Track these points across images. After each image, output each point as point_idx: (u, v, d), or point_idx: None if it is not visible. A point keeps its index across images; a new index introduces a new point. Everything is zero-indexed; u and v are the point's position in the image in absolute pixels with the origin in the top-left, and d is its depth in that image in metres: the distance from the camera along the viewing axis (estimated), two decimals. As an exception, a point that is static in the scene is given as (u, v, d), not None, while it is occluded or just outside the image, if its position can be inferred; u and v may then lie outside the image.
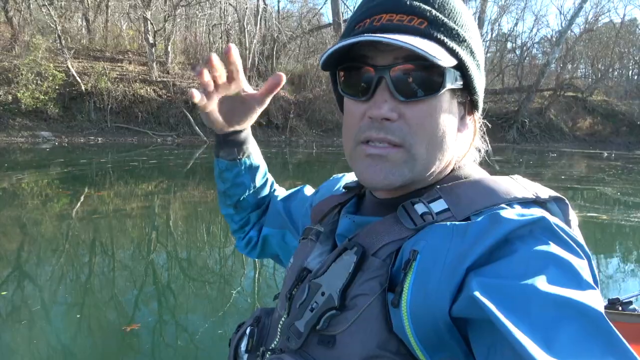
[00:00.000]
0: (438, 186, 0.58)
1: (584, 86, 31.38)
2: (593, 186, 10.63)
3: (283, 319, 0.62)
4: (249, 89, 0.78)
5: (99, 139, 17.46)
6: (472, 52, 0.56)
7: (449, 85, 0.54)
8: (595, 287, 0.45)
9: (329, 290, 0.55)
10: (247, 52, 21.53)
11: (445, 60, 0.51)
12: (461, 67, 0.55)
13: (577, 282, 0.44)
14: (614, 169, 15.18)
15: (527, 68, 30.90)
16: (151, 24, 20.19)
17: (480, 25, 28.52)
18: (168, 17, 20.67)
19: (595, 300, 0.42)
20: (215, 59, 0.69)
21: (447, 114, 0.56)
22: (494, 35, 32.56)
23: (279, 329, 0.63)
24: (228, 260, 4.77)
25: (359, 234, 0.59)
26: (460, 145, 0.61)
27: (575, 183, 11.12)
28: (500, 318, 0.40)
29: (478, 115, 0.62)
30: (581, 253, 0.48)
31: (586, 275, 0.45)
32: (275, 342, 0.63)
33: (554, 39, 30.56)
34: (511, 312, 0.41)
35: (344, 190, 0.76)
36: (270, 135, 21.30)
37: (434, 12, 0.54)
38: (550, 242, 0.47)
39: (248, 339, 0.67)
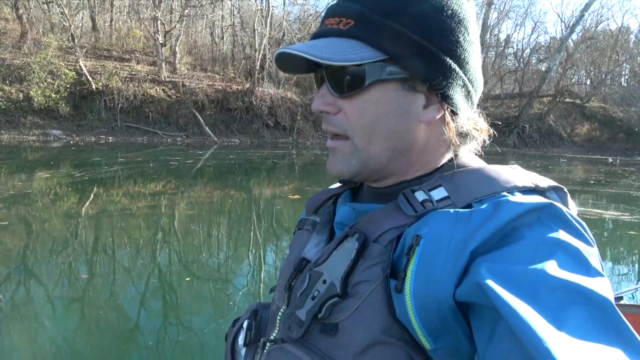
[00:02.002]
0: (438, 175, 0.59)
1: (583, 93, 31.96)
2: (627, 191, 10.85)
3: (282, 310, 0.62)
4: None
5: (110, 138, 17.49)
6: (411, 42, 0.55)
7: (373, 80, 0.55)
8: (603, 274, 0.45)
9: (330, 278, 0.55)
10: (257, 53, 21.64)
11: (353, 58, 0.54)
12: (396, 59, 0.55)
13: (586, 268, 0.44)
14: (633, 174, 15.41)
15: (528, 74, 31.39)
16: (162, 24, 20.24)
17: (484, 31, 28.91)
18: (180, 17, 20.72)
19: (604, 287, 0.42)
20: None
21: (390, 105, 0.56)
22: (493, 41, 32.97)
23: (277, 321, 0.63)
24: (239, 259, 4.84)
25: (360, 221, 0.59)
26: (437, 133, 0.60)
27: (607, 187, 11.27)
28: (506, 304, 0.40)
29: (460, 103, 0.59)
30: (590, 240, 0.48)
31: (595, 262, 0.45)
32: (275, 333, 0.63)
33: (554, 46, 31.10)
34: (518, 298, 0.40)
35: (339, 184, 0.76)
36: (278, 136, 21.44)
37: (361, 9, 0.55)
38: (558, 228, 0.47)
39: (246, 332, 0.67)
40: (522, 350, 0.37)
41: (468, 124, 0.62)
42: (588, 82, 34.17)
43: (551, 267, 0.43)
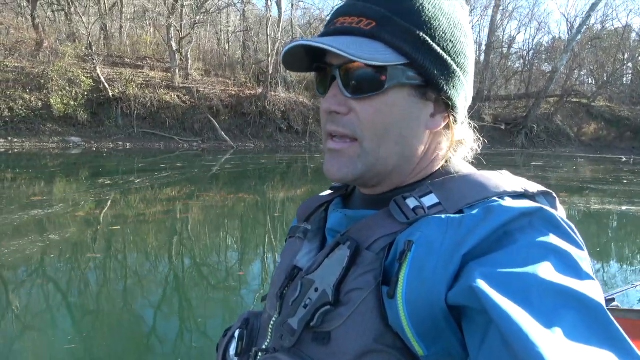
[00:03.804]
0: (429, 181, 0.59)
1: (589, 92, 32.15)
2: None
3: (274, 319, 0.62)
4: None
5: (127, 144, 17.63)
6: (430, 49, 0.55)
7: (393, 83, 0.55)
8: (594, 278, 0.45)
9: (322, 286, 0.55)
10: (270, 58, 21.83)
11: (382, 59, 0.53)
12: (416, 65, 0.55)
13: (578, 272, 0.44)
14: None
15: (535, 75, 31.59)
16: (177, 30, 20.41)
17: (492, 33, 29.13)
18: (195, 23, 20.90)
19: (595, 291, 0.42)
20: None
21: (404, 110, 0.56)
22: (499, 42, 33.15)
23: (269, 330, 0.62)
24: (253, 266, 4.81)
25: (352, 229, 0.59)
26: (436, 141, 0.62)
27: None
28: (498, 307, 0.40)
29: (456, 112, 0.61)
30: (581, 244, 0.48)
31: (586, 266, 0.45)
32: (267, 343, 0.62)
33: (558, 46, 31.31)
34: (510, 301, 0.40)
35: (329, 191, 0.76)
36: (291, 140, 21.59)
37: (383, 11, 0.54)
38: (550, 232, 0.47)
39: (237, 342, 0.66)
40: (514, 355, 0.37)
41: (464, 132, 0.64)
42: (591, 80, 34.37)
43: (543, 271, 0.43)
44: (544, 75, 31.17)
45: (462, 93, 0.60)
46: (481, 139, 0.68)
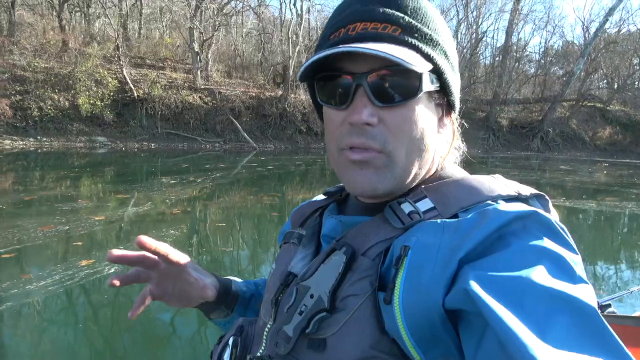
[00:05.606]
0: (423, 186, 0.59)
1: (604, 96, 32.08)
2: None
3: (268, 326, 0.61)
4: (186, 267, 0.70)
5: (152, 144, 17.87)
6: (446, 55, 0.57)
7: (425, 89, 0.54)
8: (587, 282, 0.45)
9: (318, 292, 0.54)
10: (291, 60, 22.04)
11: (420, 65, 0.51)
12: (436, 70, 0.56)
13: (571, 276, 0.44)
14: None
15: (552, 78, 31.56)
16: (200, 32, 20.65)
17: (509, 37, 29.17)
18: (219, 25, 21.15)
19: (588, 295, 0.42)
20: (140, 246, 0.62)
21: (426, 116, 0.56)
22: (514, 45, 33.15)
23: (264, 337, 0.61)
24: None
25: (347, 234, 0.58)
26: (441, 145, 0.62)
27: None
28: (492, 311, 0.40)
29: (455, 115, 0.63)
30: (574, 248, 0.48)
31: (579, 270, 0.45)
32: (261, 350, 0.61)
33: (572, 50, 31.30)
34: (504, 305, 0.41)
35: (323, 197, 0.76)
36: (310, 142, 21.74)
37: (407, 18, 0.54)
38: (544, 236, 0.47)
39: (231, 350, 0.65)
40: (509, 358, 0.38)
41: (458, 135, 0.66)
42: (605, 83, 34.23)
43: (537, 274, 0.43)
44: (559, 79, 31.16)
45: (458, 96, 0.62)
46: (464, 142, 0.69)
